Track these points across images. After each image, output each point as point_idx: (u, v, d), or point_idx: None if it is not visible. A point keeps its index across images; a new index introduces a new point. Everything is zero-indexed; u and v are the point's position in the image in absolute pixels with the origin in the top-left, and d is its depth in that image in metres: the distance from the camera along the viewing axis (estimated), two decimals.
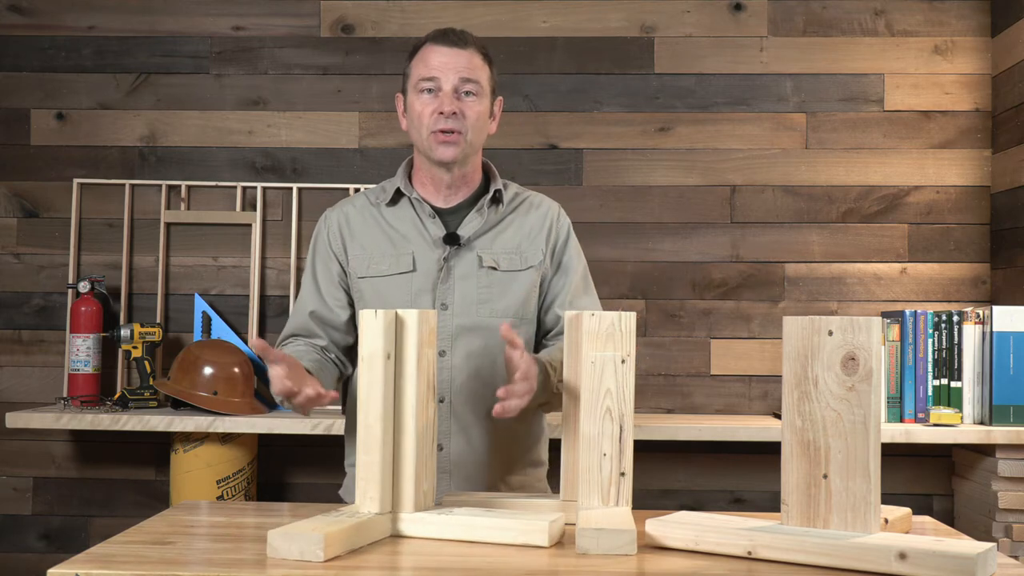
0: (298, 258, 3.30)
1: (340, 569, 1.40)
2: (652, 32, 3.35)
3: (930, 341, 2.99)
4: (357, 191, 3.05)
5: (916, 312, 2.99)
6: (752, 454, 3.20)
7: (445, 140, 2.03)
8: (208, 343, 3.14)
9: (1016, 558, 2.74)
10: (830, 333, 1.51)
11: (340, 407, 2.64)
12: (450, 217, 2.11)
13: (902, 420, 2.96)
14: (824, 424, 1.50)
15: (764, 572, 1.42)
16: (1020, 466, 2.84)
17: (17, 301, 3.37)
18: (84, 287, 3.19)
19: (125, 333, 3.14)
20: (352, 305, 2.13)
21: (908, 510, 1.77)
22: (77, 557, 1.44)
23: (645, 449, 2.81)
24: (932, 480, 3.26)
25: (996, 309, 2.92)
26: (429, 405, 1.65)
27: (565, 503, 1.71)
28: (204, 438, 3.01)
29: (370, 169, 3.34)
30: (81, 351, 3.15)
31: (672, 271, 3.33)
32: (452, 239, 2.07)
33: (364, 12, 3.37)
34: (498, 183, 2.14)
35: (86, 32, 3.39)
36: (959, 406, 2.96)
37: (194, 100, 3.38)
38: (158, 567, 1.40)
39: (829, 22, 3.34)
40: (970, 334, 2.97)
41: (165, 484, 3.29)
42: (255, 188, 3.34)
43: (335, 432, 2.88)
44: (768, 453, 2.66)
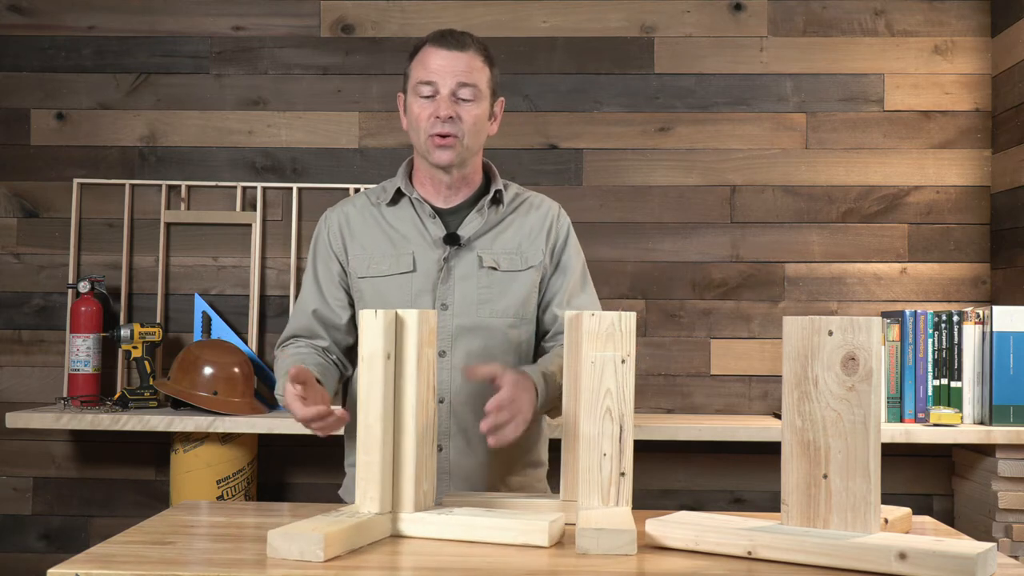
0: (298, 258, 3.30)
1: (340, 569, 1.40)
2: (652, 32, 3.35)
3: (930, 341, 2.99)
4: (357, 191, 3.05)
5: (916, 312, 2.99)
6: (752, 454, 3.20)
7: (441, 144, 2.03)
8: (208, 343, 3.14)
9: (1016, 558, 2.74)
10: (830, 333, 1.51)
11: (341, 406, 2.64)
12: (450, 217, 2.11)
13: (902, 420, 2.96)
14: (824, 424, 1.50)
15: (764, 572, 1.42)
16: (1020, 466, 2.84)
17: (17, 301, 3.37)
18: (84, 287, 3.19)
19: (125, 333, 3.14)
20: (352, 305, 2.13)
21: (908, 510, 1.77)
22: (77, 557, 1.44)
23: (645, 449, 2.81)
24: (932, 480, 3.26)
25: (996, 309, 2.92)
26: (429, 405, 1.65)
27: (565, 503, 1.70)
28: (204, 438, 3.01)
29: (370, 169, 3.34)
30: (81, 351, 3.15)
31: (672, 271, 3.32)
32: (452, 239, 2.07)
33: (364, 12, 3.37)
34: (498, 183, 2.13)
35: (86, 32, 3.39)
36: (959, 406, 2.96)
37: (194, 100, 3.38)
38: (158, 567, 1.40)
39: (829, 22, 3.34)
40: (970, 334, 2.97)
41: (165, 484, 3.29)
42: (255, 188, 3.34)
43: (335, 432, 2.87)
44: (768, 453, 2.66)
